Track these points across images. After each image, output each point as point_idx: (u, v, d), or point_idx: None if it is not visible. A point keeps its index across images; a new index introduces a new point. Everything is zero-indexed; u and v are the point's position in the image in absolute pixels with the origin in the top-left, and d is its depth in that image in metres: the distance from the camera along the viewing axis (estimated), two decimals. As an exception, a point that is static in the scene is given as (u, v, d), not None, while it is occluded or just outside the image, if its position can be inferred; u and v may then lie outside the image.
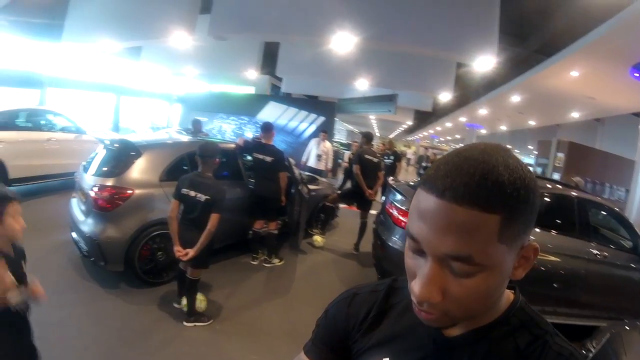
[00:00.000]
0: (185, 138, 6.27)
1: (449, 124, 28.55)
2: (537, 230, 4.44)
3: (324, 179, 8.78)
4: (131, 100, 19.60)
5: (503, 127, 24.70)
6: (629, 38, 6.47)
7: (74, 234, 4.89)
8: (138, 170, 4.71)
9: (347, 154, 18.62)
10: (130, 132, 19.72)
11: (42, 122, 8.79)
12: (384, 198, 6.33)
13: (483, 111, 18.96)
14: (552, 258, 4.39)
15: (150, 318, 4.10)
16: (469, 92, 19.27)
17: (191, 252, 3.75)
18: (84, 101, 17.17)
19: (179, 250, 3.81)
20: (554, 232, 4.60)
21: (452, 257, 0.61)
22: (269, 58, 13.17)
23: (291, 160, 6.49)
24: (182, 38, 8.16)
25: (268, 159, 5.56)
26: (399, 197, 4.99)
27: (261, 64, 12.61)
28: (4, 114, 8.02)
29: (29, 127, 8.42)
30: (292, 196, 6.05)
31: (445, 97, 11.55)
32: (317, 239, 7.03)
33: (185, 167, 5.04)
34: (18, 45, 13.38)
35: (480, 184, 0.58)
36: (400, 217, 4.67)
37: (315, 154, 11.03)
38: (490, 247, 0.60)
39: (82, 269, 4.97)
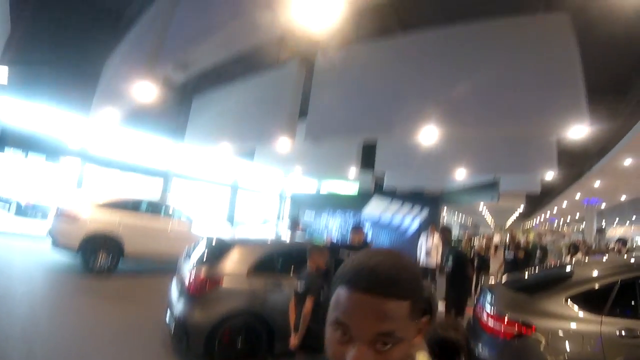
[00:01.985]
0: (283, 237, 6.63)
1: (564, 204, 26.61)
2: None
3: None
4: (246, 194, 21.48)
5: (623, 197, 22.62)
6: None
7: (168, 312, 5.48)
8: (229, 263, 5.19)
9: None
10: (243, 224, 21.45)
11: (161, 211, 10.13)
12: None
13: (597, 183, 17.58)
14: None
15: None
16: (579, 165, 18.12)
17: (293, 340, 3.97)
18: (204, 193, 19.17)
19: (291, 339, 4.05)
20: None
21: (379, 334, 0.80)
22: (368, 155, 13.70)
23: None
24: (285, 142, 8.94)
25: None
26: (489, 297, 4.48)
27: (360, 161, 13.09)
28: (129, 201, 9.63)
29: (149, 213, 9.77)
30: None
31: (550, 175, 10.95)
32: None
33: (273, 264, 5.45)
34: (148, 140, 15.75)
35: (398, 280, 0.83)
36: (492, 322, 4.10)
37: (424, 250, 10.86)
38: (405, 324, 0.83)
39: (169, 345, 5.47)
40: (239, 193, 20.43)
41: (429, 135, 7.07)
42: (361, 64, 7.92)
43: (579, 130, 5.85)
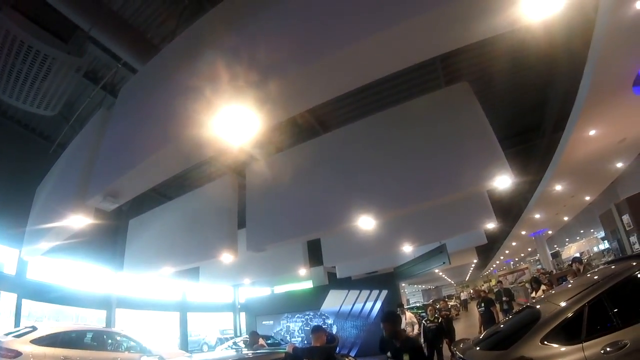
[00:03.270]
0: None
1: (514, 243, 27.60)
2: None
3: None
4: (198, 315, 20.53)
5: (565, 218, 23.68)
6: (618, 62, 6.71)
7: None
8: None
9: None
10: (202, 343, 20.69)
11: (109, 341, 9.45)
12: None
13: (537, 215, 18.53)
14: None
15: None
16: (515, 206, 19.12)
17: None
18: (152, 320, 17.97)
19: None
20: None
21: None
22: (315, 251, 13.57)
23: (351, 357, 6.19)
24: (228, 258, 8.58)
25: None
26: None
27: (308, 260, 12.94)
28: (73, 333, 8.81)
29: (95, 345, 9.03)
30: None
31: (492, 225, 11.26)
32: None
33: None
34: (87, 271, 14.90)
35: None
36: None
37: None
38: None
39: None
40: (189, 315, 19.32)
41: (368, 222, 7.07)
42: (290, 168, 8.02)
43: (504, 180, 6.00)
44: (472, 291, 24.63)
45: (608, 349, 3.52)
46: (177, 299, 19.06)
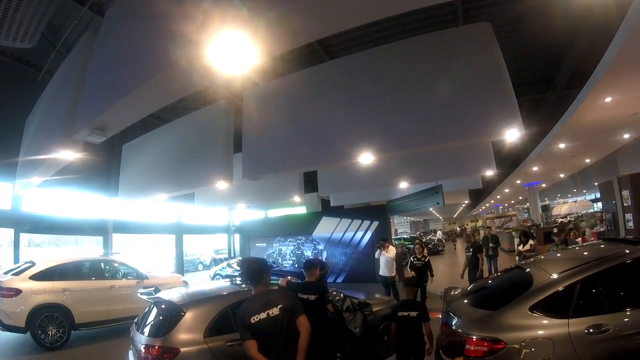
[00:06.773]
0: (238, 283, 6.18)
1: (507, 190, 27.74)
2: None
3: (384, 297, 8.27)
4: (193, 237, 21.23)
5: (561, 175, 23.64)
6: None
7: None
8: (183, 329, 4.66)
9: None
10: (197, 262, 21.23)
11: (105, 270, 9.53)
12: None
13: (535, 168, 18.49)
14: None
15: None
16: (515, 156, 18.98)
17: None
18: (148, 243, 18.37)
19: None
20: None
21: None
22: (311, 178, 13.44)
23: (342, 293, 6.26)
24: (223, 185, 8.61)
25: (312, 297, 5.20)
26: (455, 320, 4.27)
27: (303, 189, 12.93)
28: (70, 264, 8.85)
29: (92, 275, 9.11)
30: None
31: (489, 173, 11.13)
32: None
33: (231, 321, 4.84)
34: (82, 197, 15.12)
35: None
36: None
37: (382, 263, 10.80)
38: None
39: None
40: (184, 237, 19.69)
41: (367, 159, 6.91)
42: (290, 96, 7.70)
43: (513, 134, 5.77)
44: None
45: (592, 330, 3.51)
46: (173, 222, 19.35)
